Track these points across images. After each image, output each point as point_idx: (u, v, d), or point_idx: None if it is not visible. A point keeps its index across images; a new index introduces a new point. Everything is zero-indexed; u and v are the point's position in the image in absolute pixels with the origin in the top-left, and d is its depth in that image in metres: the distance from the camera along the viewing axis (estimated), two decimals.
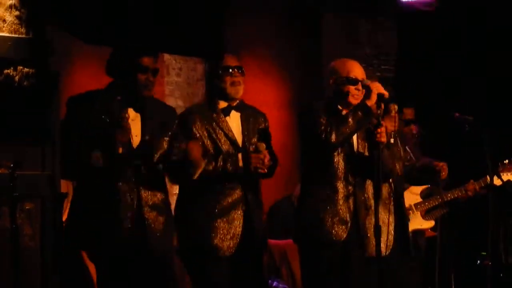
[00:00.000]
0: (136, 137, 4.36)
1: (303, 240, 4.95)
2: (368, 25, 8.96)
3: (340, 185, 4.87)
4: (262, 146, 4.81)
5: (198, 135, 4.85)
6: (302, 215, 4.94)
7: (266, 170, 4.83)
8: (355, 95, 4.92)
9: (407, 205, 5.64)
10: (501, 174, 6.01)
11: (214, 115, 4.90)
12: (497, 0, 8.15)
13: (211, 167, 4.78)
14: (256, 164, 4.77)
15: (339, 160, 4.88)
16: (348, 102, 4.93)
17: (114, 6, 6.75)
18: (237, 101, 4.96)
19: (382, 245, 5.03)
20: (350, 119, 4.74)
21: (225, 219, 4.83)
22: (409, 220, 5.78)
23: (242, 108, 4.98)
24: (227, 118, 4.93)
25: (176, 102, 8.23)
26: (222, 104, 4.94)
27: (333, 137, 4.73)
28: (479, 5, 8.24)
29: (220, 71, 4.93)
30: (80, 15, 6.60)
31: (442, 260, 6.83)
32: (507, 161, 6.14)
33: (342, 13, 8.85)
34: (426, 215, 6.13)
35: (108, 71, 4.43)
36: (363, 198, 4.93)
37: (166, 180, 4.61)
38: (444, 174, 5.51)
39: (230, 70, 4.91)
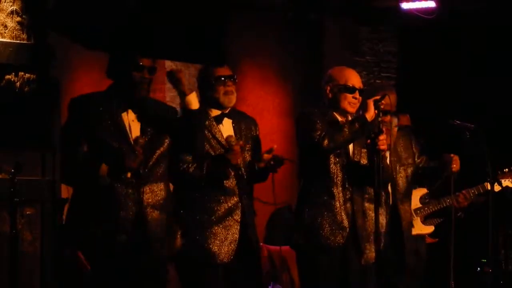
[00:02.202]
0: None
1: (301, 245, 4.96)
2: (368, 33, 8.98)
3: (338, 191, 4.90)
4: (232, 138, 4.81)
5: None
6: (300, 221, 4.95)
7: (238, 161, 4.79)
8: (352, 103, 4.95)
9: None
10: (501, 181, 6.01)
11: (207, 122, 4.91)
12: (497, 5, 8.16)
13: (197, 171, 4.78)
14: (233, 156, 4.76)
15: (336, 167, 4.91)
16: (344, 110, 4.96)
17: (116, 13, 6.77)
18: (229, 108, 4.98)
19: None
20: (346, 129, 4.79)
21: (221, 226, 4.83)
22: (413, 226, 5.78)
23: (234, 115, 5.01)
24: (220, 125, 4.94)
25: (177, 108, 8.23)
26: (215, 112, 4.95)
27: (325, 142, 4.76)
28: (479, 12, 8.25)
29: (213, 81, 4.93)
30: (81, 21, 6.62)
31: (442, 267, 6.82)
32: (507, 169, 6.15)
33: (342, 21, 8.87)
34: (425, 220, 6.13)
35: (108, 73, 4.46)
36: (360, 203, 4.95)
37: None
38: (455, 166, 5.44)
39: (223, 79, 4.92)
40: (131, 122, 4.36)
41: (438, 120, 6.20)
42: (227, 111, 4.96)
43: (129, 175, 4.28)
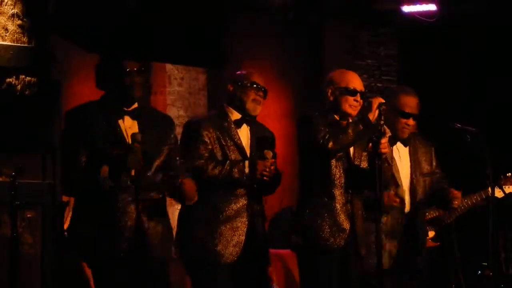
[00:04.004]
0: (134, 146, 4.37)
1: (301, 247, 4.95)
2: (369, 36, 8.98)
3: (338, 193, 4.90)
4: (269, 153, 4.83)
5: (206, 139, 4.86)
6: (300, 223, 4.95)
7: (268, 178, 4.82)
8: (353, 106, 4.95)
9: None
10: (503, 186, 6.01)
11: (225, 124, 4.93)
12: (497, 10, 8.17)
13: (217, 171, 4.79)
14: (262, 170, 4.79)
15: (336, 169, 4.90)
16: (346, 112, 4.96)
17: (117, 17, 6.77)
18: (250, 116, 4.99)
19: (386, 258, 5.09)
20: (350, 130, 4.78)
21: (228, 226, 4.84)
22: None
23: (253, 123, 5.02)
24: (238, 130, 4.95)
25: (177, 112, 8.24)
26: (235, 115, 4.96)
27: (331, 144, 4.76)
28: (480, 16, 8.26)
29: (248, 84, 4.94)
30: (82, 25, 6.62)
31: (443, 270, 6.81)
32: (510, 174, 6.14)
33: (343, 24, 8.87)
34: (426, 225, 6.11)
35: (98, 84, 4.46)
36: (360, 206, 4.95)
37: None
38: (456, 203, 5.46)
39: (256, 86, 4.94)
40: (128, 129, 4.36)
41: (439, 123, 6.20)
42: (248, 118, 4.97)
43: (132, 172, 4.28)
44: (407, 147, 5.37)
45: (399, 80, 8.90)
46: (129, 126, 4.38)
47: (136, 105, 4.44)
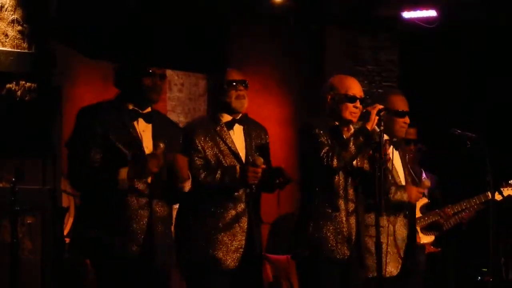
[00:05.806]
0: (147, 149, 4.38)
1: (306, 258, 4.90)
2: (370, 42, 8.99)
3: (342, 203, 4.85)
4: (260, 160, 4.82)
5: (200, 147, 4.87)
6: (303, 233, 4.89)
7: (256, 182, 4.82)
8: (353, 112, 4.92)
9: None
10: (502, 190, 6.01)
11: (218, 128, 4.93)
12: (498, 17, 8.18)
13: (209, 179, 4.80)
14: (252, 177, 4.78)
15: (339, 178, 4.87)
16: (345, 119, 4.93)
17: (117, 23, 6.79)
18: (241, 114, 4.99)
19: (395, 264, 5.06)
20: (351, 144, 4.73)
21: (228, 232, 4.84)
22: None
23: (245, 121, 5.02)
24: (230, 131, 4.96)
25: (178, 117, 8.25)
26: (226, 118, 4.96)
27: (335, 162, 4.72)
28: (480, 22, 8.27)
29: (225, 86, 4.94)
30: (83, 31, 6.64)
31: (443, 276, 6.81)
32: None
33: (344, 30, 8.88)
34: (426, 230, 6.11)
35: (116, 83, 4.44)
36: (363, 215, 4.92)
37: None
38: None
39: (235, 84, 4.94)
40: (142, 132, 4.37)
41: (439, 129, 6.20)
42: (238, 117, 4.97)
43: (149, 180, 4.28)
44: (398, 151, 5.30)
45: (399, 85, 8.90)
46: (143, 129, 4.39)
47: (149, 109, 4.45)
